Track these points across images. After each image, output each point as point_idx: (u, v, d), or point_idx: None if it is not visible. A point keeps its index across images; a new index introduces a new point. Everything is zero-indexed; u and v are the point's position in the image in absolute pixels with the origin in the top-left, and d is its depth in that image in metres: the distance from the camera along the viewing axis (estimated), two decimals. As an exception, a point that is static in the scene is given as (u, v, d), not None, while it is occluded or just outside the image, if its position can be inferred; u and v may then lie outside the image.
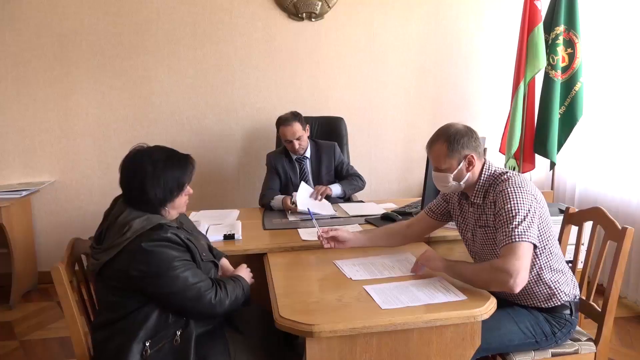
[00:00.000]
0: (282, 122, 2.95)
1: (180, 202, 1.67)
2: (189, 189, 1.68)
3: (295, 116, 2.96)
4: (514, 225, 1.62)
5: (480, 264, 1.73)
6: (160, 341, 1.54)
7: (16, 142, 3.53)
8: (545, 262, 1.77)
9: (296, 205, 2.65)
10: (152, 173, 1.58)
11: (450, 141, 1.77)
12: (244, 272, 1.83)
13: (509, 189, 1.69)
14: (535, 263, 1.75)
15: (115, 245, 1.52)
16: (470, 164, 1.78)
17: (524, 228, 1.62)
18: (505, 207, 1.67)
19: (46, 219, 3.64)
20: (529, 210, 1.65)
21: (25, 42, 3.44)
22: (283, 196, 2.80)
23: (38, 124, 3.53)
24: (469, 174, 1.79)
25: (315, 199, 2.77)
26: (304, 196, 2.71)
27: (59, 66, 3.49)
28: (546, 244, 1.76)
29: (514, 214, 1.64)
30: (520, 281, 1.57)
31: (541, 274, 1.76)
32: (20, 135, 3.53)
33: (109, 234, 1.58)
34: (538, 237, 1.69)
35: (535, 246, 1.65)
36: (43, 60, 3.47)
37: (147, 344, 1.52)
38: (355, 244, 2.05)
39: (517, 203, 1.66)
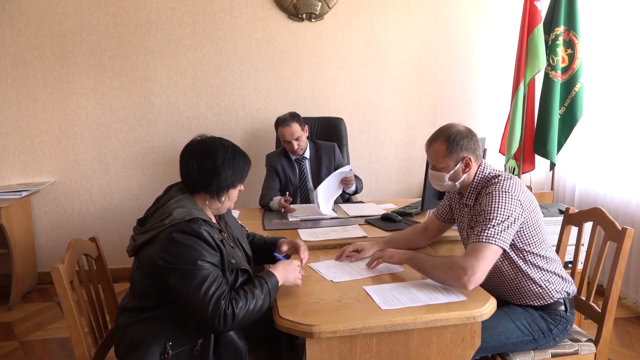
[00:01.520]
0: (281, 122, 2.95)
1: (235, 194, 1.68)
2: (241, 185, 1.70)
3: (293, 117, 2.95)
4: (487, 227, 1.64)
5: (442, 257, 1.74)
6: (181, 345, 1.51)
7: (16, 142, 3.53)
8: (535, 263, 1.78)
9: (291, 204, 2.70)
10: (224, 156, 1.62)
11: (450, 141, 1.78)
12: (287, 271, 1.64)
13: (494, 192, 1.70)
14: (524, 264, 1.77)
15: (152, 229, 1.52)
16: (467, 165, 1.79)
17: (496, 232, 1.63)
18: (486, 208, 1.68)
19: (46, 219, 3.64)
20: (508, 217, 1.66)
21: (25, 42, 3.44)
22: (280, 197, 2.80)
23: (38, 124, 3.53)
24: (465, 175, 1.80)
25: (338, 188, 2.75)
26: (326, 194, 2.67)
27: (59, 66, 3.50)
28: (535, 246, 1.77)
29: (491, 216, 1.66)
30: (474, 280, 1.57)
31: (531, 274, 1.77)
32: (20, 135, 3.53)
33: (153, 217, 1.58)
34: (524, 240, 1.73)
35: (504, 250, 1.66)
36: (43, 60, 3.48)
37: (169, 345, 1.50)
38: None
39: (499, 207, 1.67)
